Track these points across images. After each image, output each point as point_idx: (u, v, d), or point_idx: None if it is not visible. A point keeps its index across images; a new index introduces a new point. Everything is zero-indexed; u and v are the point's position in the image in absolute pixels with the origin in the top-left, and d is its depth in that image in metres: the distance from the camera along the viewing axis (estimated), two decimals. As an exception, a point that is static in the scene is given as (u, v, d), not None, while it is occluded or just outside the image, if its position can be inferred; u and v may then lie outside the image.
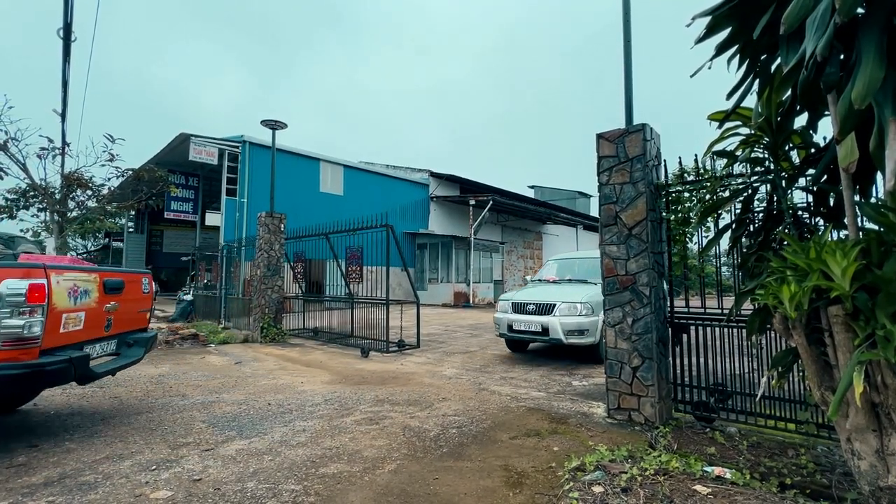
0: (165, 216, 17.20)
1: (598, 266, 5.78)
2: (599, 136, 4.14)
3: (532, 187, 31.94)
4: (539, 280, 7.77)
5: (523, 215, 22.11)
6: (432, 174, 19.91)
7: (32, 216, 11.52)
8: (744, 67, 2.28)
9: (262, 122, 9.28)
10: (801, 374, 2.70)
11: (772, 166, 2.66)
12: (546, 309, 6.45)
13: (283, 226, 9.66)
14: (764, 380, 2.52)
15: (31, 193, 10.38)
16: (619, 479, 2.65)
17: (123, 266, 21.47)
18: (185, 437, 3.55)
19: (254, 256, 9.74)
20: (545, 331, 6.24)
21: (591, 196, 31.66)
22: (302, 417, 4.07)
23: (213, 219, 14.80)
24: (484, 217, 17.92)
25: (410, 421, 3.95)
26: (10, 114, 9.18)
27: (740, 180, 3.32)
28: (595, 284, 6.32)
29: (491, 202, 17.48)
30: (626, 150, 3.95)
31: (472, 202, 17.81)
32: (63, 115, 9.80)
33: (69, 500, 2.55)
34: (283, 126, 9.41)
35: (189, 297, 12.87)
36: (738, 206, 3.05)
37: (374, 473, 2.90)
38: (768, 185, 2.79)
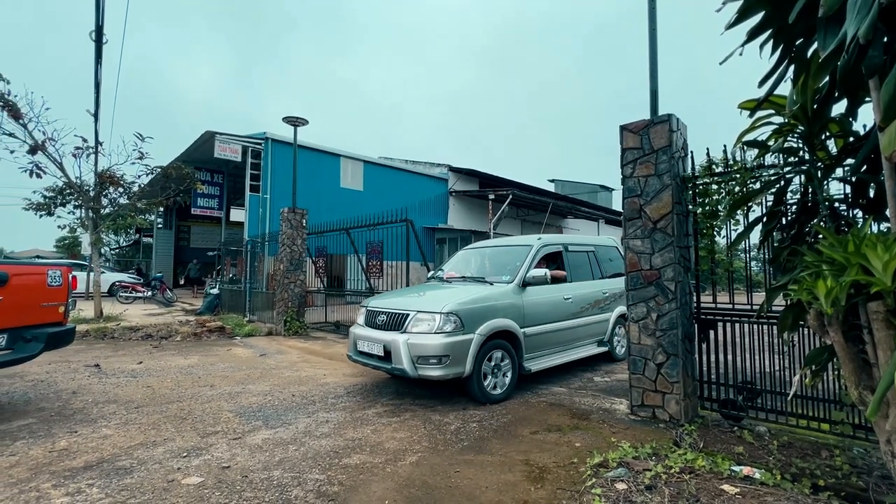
0: (192, 212, 17.69)
1: (519, 257, 5.23)
2: (623, 128, 4.04)
3: (552, 181, 31.52)
4: (436, 278, 5.76)
5: (543, 210, 21.85)
6: (451, 169, 19.87)
7: (69, 213, 12.04)
8: (777, 53, 2.18)
9: (283, 118, 9.42)
10: (836, 372, 2.60)
11: (807, 156, 2.55)
12: (396, 322, 4.43)
13: (304, 221, 9.82)
14: (796, 378, 2.43)
15: (68, 191, 10.85)
16: (643, 477, 2.62)
17: (153, 260, 22.23)
18: (213, 426, 3.67)
19: (277, 251, 9.94)
20: (388, 355, 4.27)
21: (613, 190, 31.04)
22: (325, 409, 4.15)
23: (237, 215, 15.16)
24: (503, 211, 17.79)
25: (431, 414, 3.98)
26: (47, 115, 9.60)
27: (773, 171, 3.20)
28: (492, 285, 4.79)
29: (510, 196, 17.34)
30: (650, 141, 3.85)
31: (492, 197, 17.69)
32: (96, 115, 10.18)
33: (107, 483, 2.67)
34: (304, 122, 9.53)
35: (215, 291, 13.24)
36: (770, 198, 2.93)
37: (395, 465, 2.94)
38: (803, 176, 2.67)
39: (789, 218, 2.79)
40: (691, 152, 3.97)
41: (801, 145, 2.59)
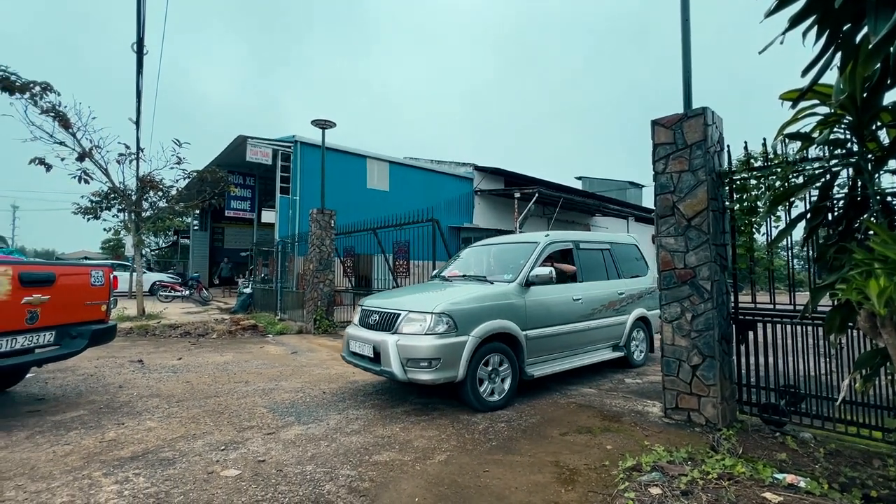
0: (226, 214, 18.35)
1: (523, 255, 4.95)
2: (655, 123, 3.93)
3: (579, 178, 30.98)
4: (439, 276, 5.54)
5: (570, 207, 21.50)
6: (476, 168, 19.81)
7: (113, 216, 12.68)
8: (822, 40, 2.07)
9: (312, 122, 9.63)
10: (889, 377, 2.45)
11: (855, 148, 2.41)
12: (387, 322, 4.26)
13: (333, 222, 10.02)
14: (845, 382, 2.30)
15: (112, 196, 11.44)
16: (678, 482, 2.54)
17: (190, 261, 23.18)
18: (249, 421, 3.80)
19: (306, 251, 10.18)
20: (377, 356, 4.11)
21: (643, 186, 30.22)
22: (354, 406, 4.23)
23: (268, 216, 15.61)
24: (529, 210, 17.61)
25: (459, 413, 3.99)
26: (93, 124, 10.15)
27: (817, 164, 3.04)
28: (492, 284, 4.58)
29: (536, 195, 17.14)
30: (684, 136, 3.73)
31: (517, 195, 17.54)
32: (137, 123, 10.70)
33: (152, 473, 2.81)
34: (332, 125, 9.71)
35: (248, 290, 13.68)
36: (815, 192, 2.79)
37: (424, 463, 2.96)
38: (851, 170, 2.53)
39: (836, 213, 2.65)
40: (727, 146, 3.82)
41: (849, 136, 2.45)
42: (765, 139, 3.50)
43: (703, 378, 3.56)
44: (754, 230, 3.65)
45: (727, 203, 3.75)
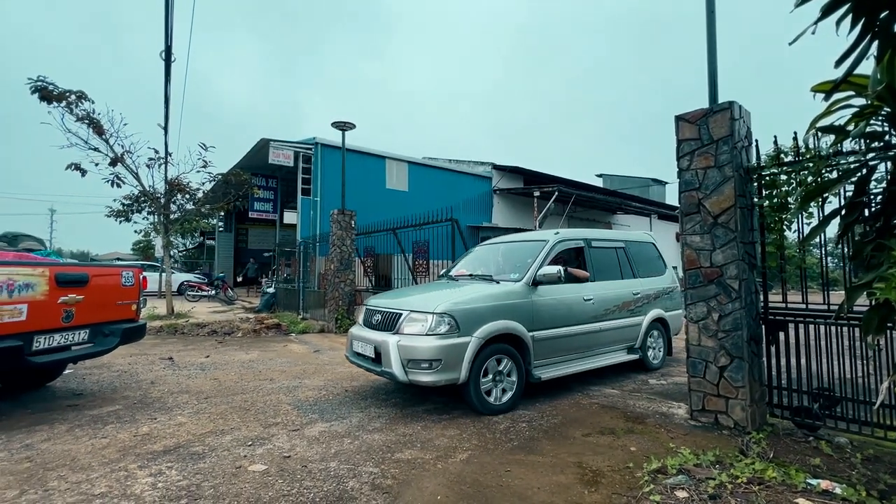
0: (249, 216, 18.77)
1: (531, 253, 4.81)
2: (679, 118, 3.85)
3: (600, 176, 30.48)
4: (446, 276, 5.43)
5: (591, 206, 21.20)
6: (495, 167, 19.73)
7: (143, 218, 13.14)
8: (857, 29, 1.99)
9: (332, 123, 9.78)
10: (932, 380, 2.34)
11: (894, 140, 2.31)
12: (389, 322, 4.21)
13: (353, 222, 10.14)
14: (884, 385, 2.21)
15: (143, 199, 11.85)
16: (705, 486, 2.49)
17: (216, 261, 23.82)
18: (274, 418, 3.89)
19: (327, 252, 10.34)
20: (378, 357, 4.06)
21: (665, 183, 29.54)
22: (376, 404, 4.28)
23: (290, 217, 15.93)
24: (549, 209, 17.44)
25: (480, 412, 3.99)
26: (125, 130, 10.55)
27: (853, 158, 2.92)
28: (498, 284, 4.48)
29: (556, 193, 16.96)
30: (710, 131, 3.64)
31: (537, 193, 17.40)
32: (165, 128, 11.05)
33: (184, 466, 2.91)
34: (351, 126, 9.84)
35: (272, 290, 13.98)
36: (850, 187, 2.68)
37: (446, 461, 2.97)
38: (889, 163, 2.43)
39: (873, 209, 2.55)
40: (756, 141, 3.70)
41: (887, 129, 2.35)
42: (795, 133, 3.38)
43: (731, 380, 3.47)
44: (785, 227, 3.53)
45: (756, 200, 3.64)
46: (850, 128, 2.43)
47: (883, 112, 2.26)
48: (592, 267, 5.16)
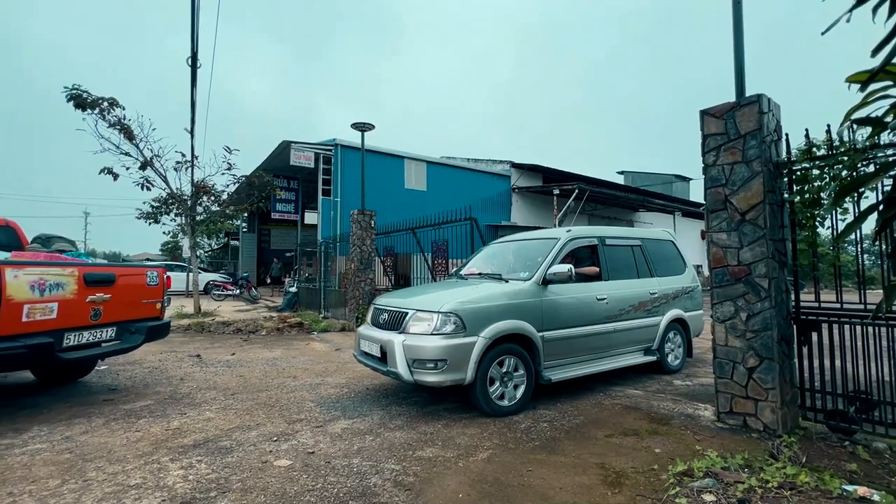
0: (272, 216, 19.17)
1: (542, 252, 4.66)
2: (704, 113, 3.75)
3: (621, 173, 29.96)
4: (457, 275, 5.36)
5: (612, 203, 20.85)
6: (513, 165, 19.61)
7: (171, 220, 13.57)
8: (897, 16, 1.91)
9: (352, 125, 9.89)
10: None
11: (937, 132, 2.20)
12: (395, 321, 4.17)
13: (373, 222, 10.25)
14: (926, 388, 2.11)
15: (170, 201, 12.24)
16: (734, 489, 2.43)
17: (240, 261, 24.42)
18: (298, 415, 3.97)
19: (348, 251, 10.47)
20: (384, 357, 4.04)
21: (690, 179, 28.82)
22: (397, 402, 4.32)
23: (311, 218, 16.18)
24: (569, 207, 17.23)
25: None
26: (153, 135, 10.91)
27: (891, 151, 2.80)
28: (507, 282, 4.40)
29: (576, 191, 16.75)
30: (737, 125, 3.53)
31: (556, 192, 17.22)
32: (192, 132, 11.38)
33: (212, 460, 3.00)
34: (371, 127, 9.94)
35: (294, 289, 14.25)
36: (889, 182, 2.57)
37: (467, 460, 2.98)
38: (932, 156, 2.31)
39: (914, 204, 2.43)
40: (786, 135, 3.58)
41: (929, 120, 2.23)
42: (829, 125, 3.26)
43: (761, 381, 3.37)
44: (817, 224, 3.40)
45: (786, 195, 3.52)
46: (889, 119, 2.33)
47: (924, 102, 2.15)
48: (607, 266, 4.98)
